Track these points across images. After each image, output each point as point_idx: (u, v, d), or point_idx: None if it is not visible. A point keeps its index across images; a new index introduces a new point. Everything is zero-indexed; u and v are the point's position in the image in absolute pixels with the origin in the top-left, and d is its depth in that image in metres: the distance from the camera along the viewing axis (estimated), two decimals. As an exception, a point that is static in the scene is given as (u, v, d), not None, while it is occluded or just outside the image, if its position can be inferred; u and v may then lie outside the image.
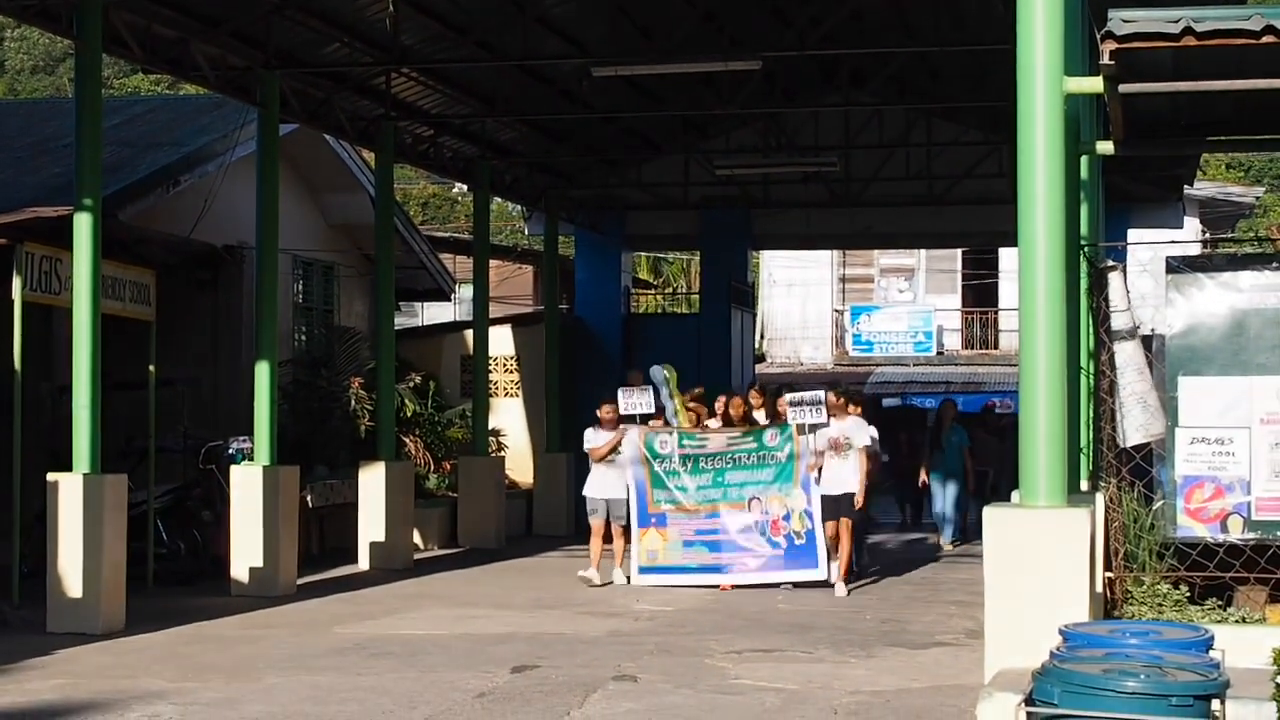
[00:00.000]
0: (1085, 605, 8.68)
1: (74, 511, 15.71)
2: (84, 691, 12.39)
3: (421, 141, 25.96)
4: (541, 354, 30.18)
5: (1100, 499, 10.76)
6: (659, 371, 21.12)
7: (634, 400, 20.34)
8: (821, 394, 19.56)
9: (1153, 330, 12.64)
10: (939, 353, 46.45)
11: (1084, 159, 11.53)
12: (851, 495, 19.20)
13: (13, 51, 63.63)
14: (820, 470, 19.50)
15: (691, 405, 21.34)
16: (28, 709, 11.74)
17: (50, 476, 15.96)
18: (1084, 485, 11.40)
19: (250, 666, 13.64)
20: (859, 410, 19.90)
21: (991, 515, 8.93)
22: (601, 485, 20.31)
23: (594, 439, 20.45)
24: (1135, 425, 11.13)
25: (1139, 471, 11.29)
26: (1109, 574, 10.67)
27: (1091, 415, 11.75)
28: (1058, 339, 9.03)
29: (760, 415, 21.23)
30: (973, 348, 47.39)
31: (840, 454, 19.28)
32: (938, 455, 25.68)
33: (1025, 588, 8.68)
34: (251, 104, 20.44)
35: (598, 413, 20.54)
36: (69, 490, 15.79)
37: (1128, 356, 11.25)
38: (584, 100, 25.46)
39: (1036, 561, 8.70)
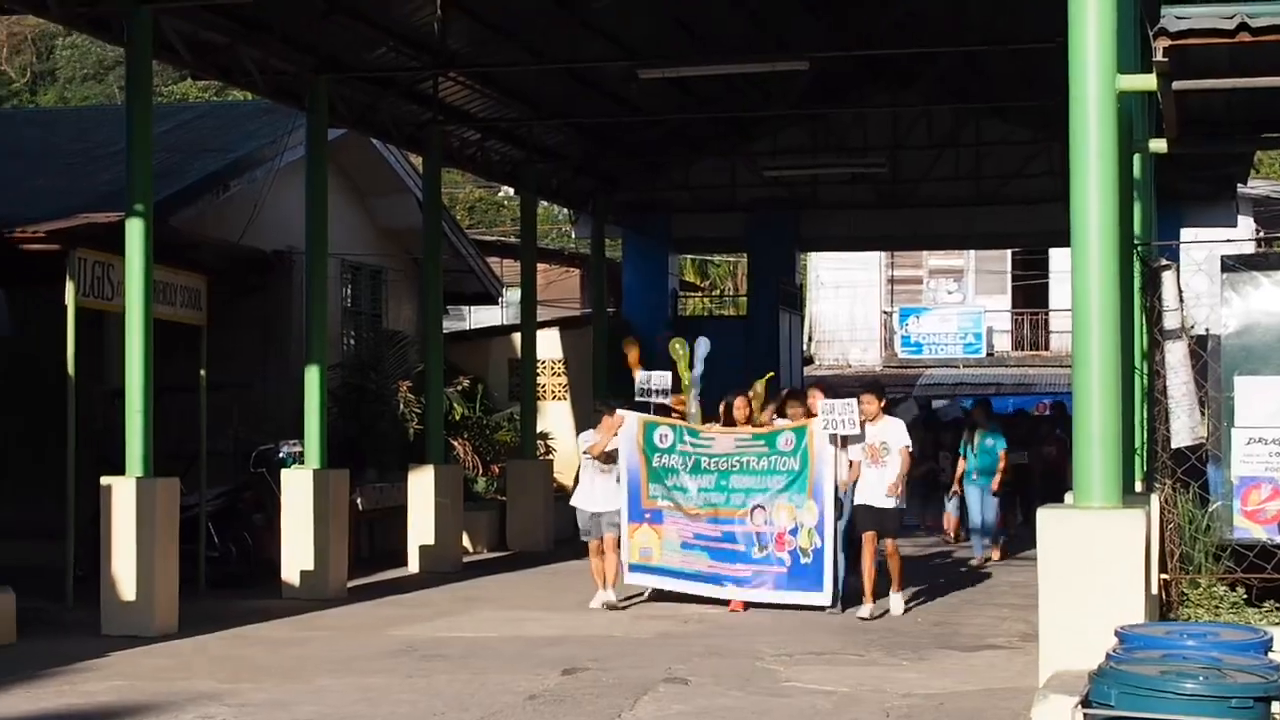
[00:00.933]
0: (1141, 608, 8.61)
1: (127, 515, 15.78)
2: (139, 693, 12.45)
3: (469, 145, 26.00)
4: (589, 357, 30.16)
5: (1155, 500, 10.69)
6: (678, 348, 19.18)
7: (653, 384, 18.76)
8: (854, 403, 17.21)
9: (1207, 330, 12.56)
10: (989, 354, 46.25)
11: (1136, 157, 11.46)
12: (894, 509, 17.32)
13: (64, 60, 63.94)
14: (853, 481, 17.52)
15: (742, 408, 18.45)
16: (85, 710, 11.81)
17: (103, 480, 16.04)
18: (1138, 486, 11.33)
19: (302, 668, 13.68)
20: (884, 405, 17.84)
21: (1046, 517, 8.87)
22: (591, 496, 18.30)
23: (588, 437, 18.58)
24: (1184, 426, 11.05)
25: (1194, 472, 11.21)
26: (1164, 576, 10.59)
27: (1145, 416, 11.68)
28: (1111, 339, 8.96)
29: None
30: (1023, 349, 47.18)
31: (878, 462, 17.30)
32: (970, 461, 23.27)
33: (1080, 590, 8.62)
34: (300, 109, 20.51)
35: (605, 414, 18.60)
36: (122, 494, 15.87)
37: (1178, 357, 11.18)
38: (631, 103, 25.46)
39: (1091, 563, 8.63)
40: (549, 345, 30.86)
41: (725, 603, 17.84)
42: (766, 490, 17.63)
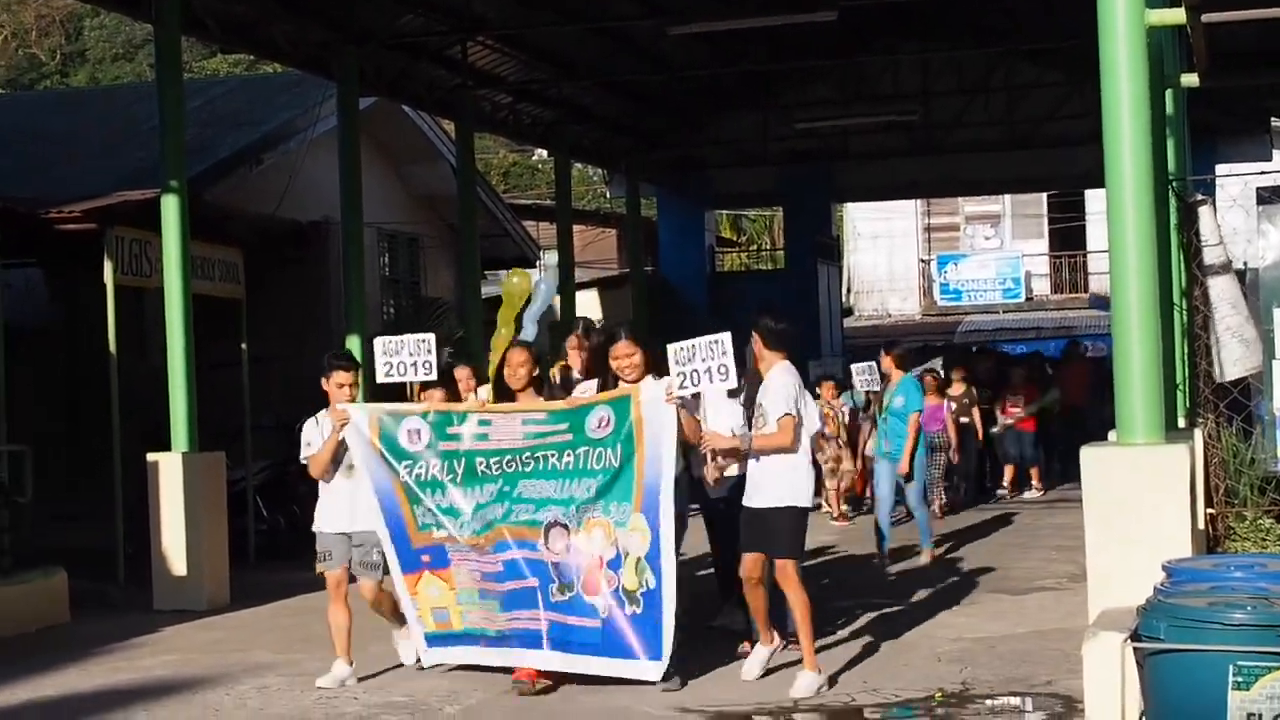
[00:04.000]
0: (1187, 543, 8.60)
1: (174, 491, 15.87)
2: (194, 666, 12.54)
3: (500, 109, 26.02)
4: (628, 316, 30.19)
5: (1199, 435, 10.67)
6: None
7: (403, 359, 12.64)
8: (725, 339, 10.72)
9: (1245, 264, 12.51)
10: (1028, 299, 46.16)
11: (1168, 93, 11.41)
12: (787, 511, 10.82)
13: (94, 40, 64.01)
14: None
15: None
16: (141, 685, 11.89)
17: (150, 457, 16.13)
18: (1181, 422, 11.31)
19: (354, 636, 13.71)
20: (785, 356, 11.10)
21: (1089, 455, 8.86)
22: (338, 512, 11.76)
23: (312, 436, 11.96)
24: (1232, 359, 11.03)
25: (1237, 406, 11.18)
26: (1210, 510, 10.58)
27: (1186, 352, 11.66)
28: (1149, 275, 8.92)
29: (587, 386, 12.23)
30: (1062, 292, 47.07)
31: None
32: (880, 426, 17.60)
33: (1126, 527, 8.61)
34: (330, 79, 20.55)
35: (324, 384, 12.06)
36: (169, 470, 15.96)
37: (1221, 291, 11.14)
38: (661, 60, 25.42)
39: (1137, 500, 8.62)
40: (588, 306, 30.91)
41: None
42: (569, 500, 10.93)
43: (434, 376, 12.61)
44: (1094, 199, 42.29)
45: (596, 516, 10.81)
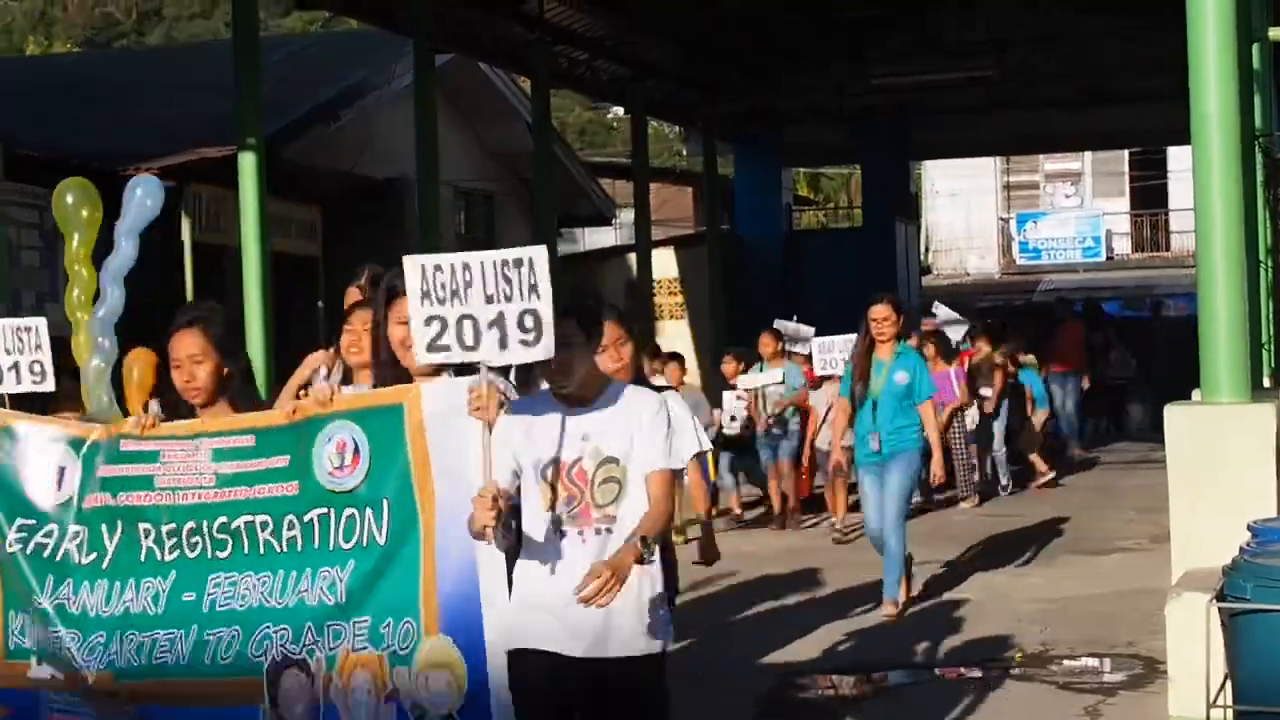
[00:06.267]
0: (1273, 503, 8.49)
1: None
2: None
3: (576, 65, 25.98)
4: (705, 275, 30.13)
5: (1284, 395, 10.53)
6: None
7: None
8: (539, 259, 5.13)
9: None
10: (1108, 257, 45.76)
11: (1255, 47, 11.23)
12: (659, 659, 5.71)
13: (170, -1, 64.45)
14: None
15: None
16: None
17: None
18: (1266, 381, 11.16)
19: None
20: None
21: (1173, 414, 8.76)
22: None
23: None
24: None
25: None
26: (1295, 470, 10.45)
27: (1271, 310, 11.50)
28: (1235, 232, 8.80)
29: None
30: (1143, 251, 46.64)
31: (584, 517, 5.55)
32: (863, 420, 11.88)
33: (1210, 487, 8.52)
34: (406, 36, 20.52)
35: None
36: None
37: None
38: (737, 14, 25.31)
39: (1221, 460, 8.52)
40: (664, 264, 30.84)
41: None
42: (299, 613, 5.56)
43: (48, 386, 7.05)
44: (1176, 157, 41.84)
45: (361, 647, 5.47)
